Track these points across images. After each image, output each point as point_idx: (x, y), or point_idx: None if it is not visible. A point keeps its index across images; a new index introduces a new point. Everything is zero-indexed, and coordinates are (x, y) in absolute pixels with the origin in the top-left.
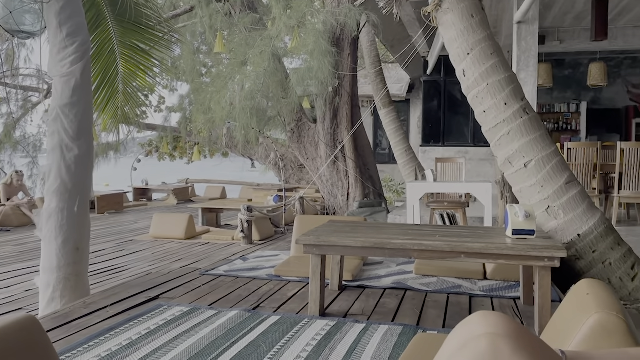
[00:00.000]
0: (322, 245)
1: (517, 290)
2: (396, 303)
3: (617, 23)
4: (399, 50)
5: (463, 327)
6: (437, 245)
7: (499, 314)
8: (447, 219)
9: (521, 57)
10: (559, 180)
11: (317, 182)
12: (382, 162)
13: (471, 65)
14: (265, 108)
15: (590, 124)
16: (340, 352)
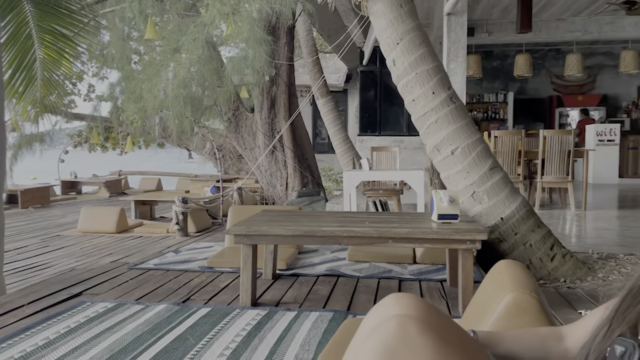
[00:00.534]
0: (253, 235)
1: (444, 273)
2: (328, 290)
3: (541, 16)
4: (336, 40)
5: (377, 310)
6: (366, 231)
7: (412, 296)
8: (379, 206)
9: (451, 48)
10: (483, 166)
11: (256, 172)
12: (322, 152)
13: (401, 54)
14: (200, 97)
15: (517, 113)
16: (269, 341)
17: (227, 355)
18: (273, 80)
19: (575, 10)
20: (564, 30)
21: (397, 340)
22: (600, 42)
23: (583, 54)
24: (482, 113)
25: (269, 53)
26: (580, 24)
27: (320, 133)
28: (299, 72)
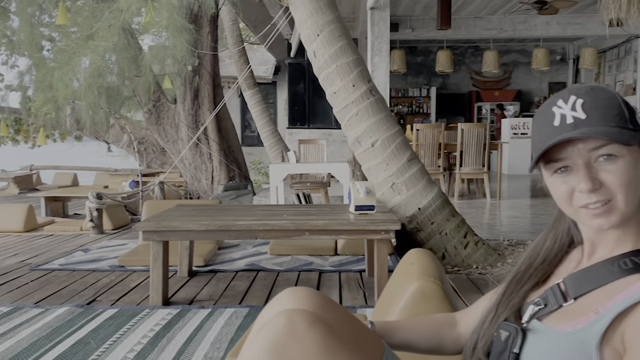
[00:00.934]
0: (163, 231)
1: (363, 263)
2: (246, 285)
3: (460, 14)
4: (262, 31)
5: (271, 305)
6: (283, 224)
7: (308, 289)
8: (302, 199)
9: (374, 42)
10: (402, 158)
11: (179, 165)
12: (251, 145)
13: (321, 46)
14: (117, 86)
15: (439, 107)
16: (179, 341)
17: (130, 358)
18: (196, 70)
19: (492, 8)
20: (482, 28)
21: (286, 335)
22: (514, 40)
23: (499, 51)
24: (407, 107)
25: (191, 42)
26: (496, 22)
27: (250, 126)
28: (225, 62)
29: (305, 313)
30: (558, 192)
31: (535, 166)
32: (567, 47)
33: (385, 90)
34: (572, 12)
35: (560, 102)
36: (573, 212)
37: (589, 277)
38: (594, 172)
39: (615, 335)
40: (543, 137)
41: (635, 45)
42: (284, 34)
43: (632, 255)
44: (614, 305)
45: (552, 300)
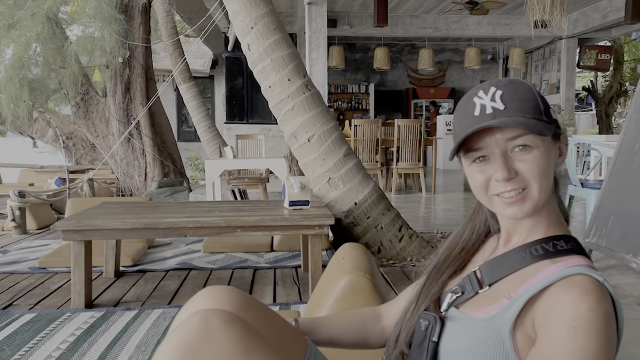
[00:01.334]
0: (85, 230)
1: (299, 259)
2: (177, 284)
3: (396, 12)
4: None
5: (189, 306)
6: (213, 221)
7: (228, 288)
8: (238, 195)
9: (312, 38)
10: (338, 153)
11: (110, 161)
12: (188, 140)
13: (255, 39)
14: (42, 79)
15: (378, 103)
16: (101, 345)
17: None
18: (128, 62)
19: (427, 7)
20: (417, 26)
21: (199, 336)
22: (448, 39)
23: (434, 49)
24: (346, 103)
25: (121, 33)
26: (431, 21)
27: (187, 121)
28: (160, 55)
29: (221, 313)
30: (475, 180)
31: (456, 156)
32: (498, 47)
33: (324, 85)
34: (501, 13)
35: (480, 93)
36: (488, 200)
37: (502, 263)
38: (510, 162)
39: (526, 320)
40: (463, 126)
41: (559, 46)
42: (221, 27)
43: (543, 242)
44: (525, 290)
45: (469, 288)
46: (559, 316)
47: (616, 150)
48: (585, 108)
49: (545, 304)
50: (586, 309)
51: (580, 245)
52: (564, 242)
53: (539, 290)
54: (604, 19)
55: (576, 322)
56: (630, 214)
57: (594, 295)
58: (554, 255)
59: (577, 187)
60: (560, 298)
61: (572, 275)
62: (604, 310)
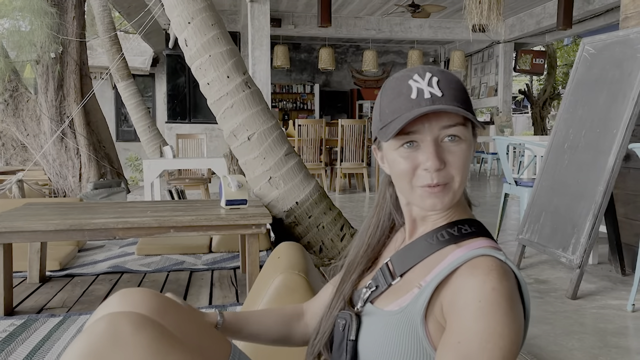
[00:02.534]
0: (3, 232)
1: (237, 260)
2: (107, 289)
3: (341, 12)
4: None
5: (100, 309)
6: (144, 221)
7: (143, 290)
8: (175, 195)
9: (255, 36)
10: (279, 152)
11: (42, 161)
12: (128, 140)
13: (193, 35)
14: None
15: (323, 104)
16: (20, 354)
17: None
18: (60, 58)
19: (370, 9)
20: (361, 27)
21: (106, 341)
22: (392, 41)
23: (378, 51)
24: (292, 103)
25: (53, 27)
26: (375, 23)
27: (126, 120)
28: (97, 52)
29: (131, 315)
30: (400, 166)
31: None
32: (439, 50)
33: (267, 84)
34: (442, 17)
35: (416, 76)
36: (409, 189)
37: (411, 252)
38: (440, 152)
39: (435, 307)
40: (398, 108)
41: (497, 50)
42: (161, 23)
43: (448, 227)
44: (432, 277)
45: (382, 281)
46: (464, 299)
47: (547, 150)
48: (522, 110)
49: (452, 288)
50: (489, 289)
51: (484, 227)
52: (468, 225)
53: (446, 275)
54: (538, 24)
55: (481, 303)
56: (560, 211)
57: (496, 275)
58: (459, 239)
59: (511, 186)
60: (464, 281)
61: (475, 257)
62: (507, 288)
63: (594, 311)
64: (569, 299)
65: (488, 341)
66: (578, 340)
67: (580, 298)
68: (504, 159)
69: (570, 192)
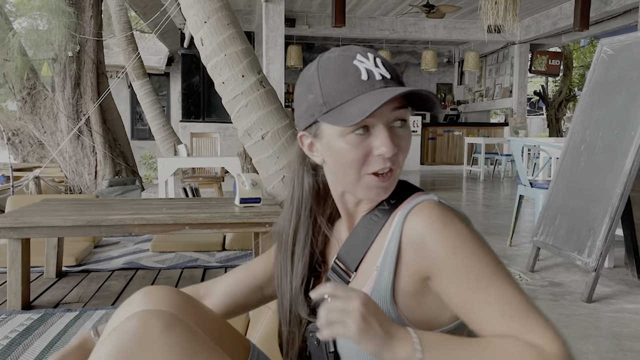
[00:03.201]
0: (22, 227)
1: (251, 258)
2: (122, 285)
3: (355, 13)
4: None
5: (124, 307)
6: (160, 218)
7: (166, 288)
8: (189, 192)
9: (269, 36)
10: (293, 151)
11: (58, 159)
12: (143, 138)
13: (209, 34)
14: None
15: None
16: (37, 348)
17: None
18: (78, 56)
19: (385, 9)
20: (375, 28)
21: (137, 340)
22: (406, 41)
23: (392, 51)
24: None
25: (70, 26)
26: (389, 23)
27: (141, 118)
28: (113, 51)
29: (160, 314)
30: (351, 154)
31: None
32: (453, 50)
33: (281, 84)
34: (457, 17)
35: (359, 56)
36: (355, 178)
37: (355, 245)
38: (393, 137)
39: (402, 276)
40: (348, 89)
41: (512, 51)
42: (177, 22)
43: (378, 205)
44: (384, 253)
45: (338, 280)
46: (428, 251)
47: (563, 151)
48: (537, 112)
49: (410, 250)
50: (441, 227)
51: (406, 184)
52: (393, 195)
53: (397, 247)
54: (555, 25)
55: (446, 241)
56: (576, 213)
57: (434, 213)
58: (392, 210)
59: (526, 187)
60: (417, 237)
61: (408, 214)
62: (453, 218)
63: (610, 315)
64: (584, 302)
65: (478, 260)
66: (593, 344)
67: (596, 301)
68: (519, 160)
69: (587, 194)
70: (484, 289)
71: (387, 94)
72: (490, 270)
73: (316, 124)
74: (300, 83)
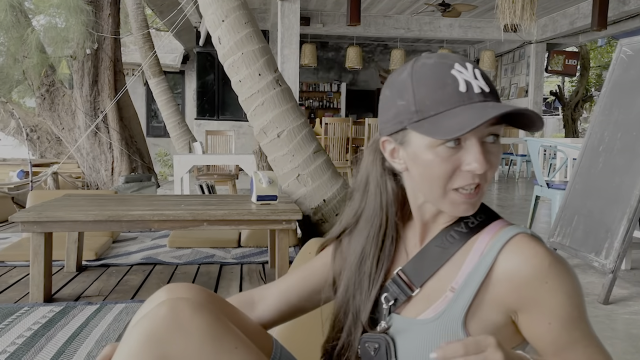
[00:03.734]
0: (45, 222)
1: (266, 255)
2: (141, 279)
3: (370, 11)
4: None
5: (148, 303)
6: (179, 214)
7: (188, 284)
8: (206, 189)
9: (285, 34)
10: (307, 149)
11: (76, 155)
12: (158, 136)
13: (226, 32)
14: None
15: (349, 103)
16: (59, 340)
17: (2, 359)
18: (95, 54)
19: (400, 8)
20: (390, 26)
21: (168, 324)
22: (421, 40)
23: (406, 50)
24: (318, 102)
25: (88, 24)
26: (404, 21)
27: (156, 116)
28: (130, 49)
29: (190, 301)
30: (440, 167)
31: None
32: (469, 50)
33: (295, 82)
34: (473, 16)
35: (457, 66)
36: (440, 193)
37: (424, 261)
38: (485, 152)
39: (484, 305)
40: (445, 100)
41: (528, 50)
42: (193, 21)
43: (454, 226)
44: (466, 277)
45: (399, 292)
46: (530, 287)
47: (581, 152)
48: (553, 112)
49: (506, 283)
50: (547, 267)
51: (485, 208)
52: (472, 217)
53: (484, 276)
54: (572, 25)
55: (548, 283)
56: (593, 214)
57: (541, 250)
58: (471, 234)
59: (543, 188)
60: (518, 271)
61: (507, 243)
62: (553, 255)
63: (627, 317)
64: (601, 304)
65: (572, 302)
66: (610, 346)
67: (613, 303)
68: (536, 161)
69: (605, 196)
70: (573, 332)
71: (490, 110)
72: (581, 316)
73: (403, 131)
74: (389, 87)
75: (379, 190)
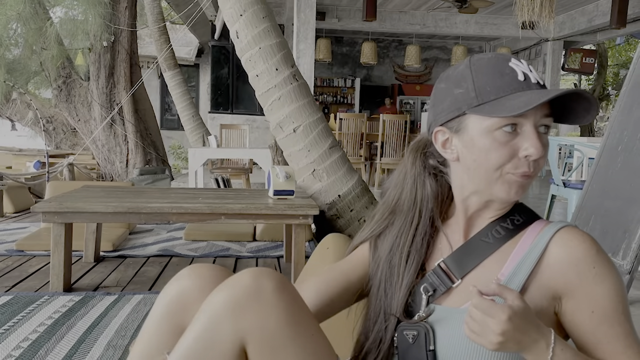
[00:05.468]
0: (66, 212)
1: (281, 249)
2: (158, 271)
3: (385, 7)
4: (184, 10)
5: (177, 279)
6: (197, 207)
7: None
8: (221, 183)
9: (300, 29)
10: (323, 145)
11: (91, 147)
12: (171, 128)
13: (244, 27)
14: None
15: (363, 98)
16: (80, 329)
17: (24, 347)
18: (112, 46)
19: (416, 4)
20: (406, 22)
21: (248, 294)
22: (436, 36)
23: (421, 46)
24: (332, 97)
25: (106, 17)
26: (420, 17)
27: (170, 109)
28: (145, 41)
29: (273, 274)
30: (497, 151)
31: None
32: (485, 46)
33: (310, 77)
34: (489, 13)
35: (514, 60)
36: (496, 177)
37: (468, 254)
38: (540, 139)
39: (529, 292)
40: (505, 86)
41: (545, 48)
42: (208, 14)
43: (500, 221)
44: (513, 268)
45: (439, 283)
46: (578, 272)
47: (599, 151)
48: None
49: (556, 269)
50: (595, 253)
51: (529, 208)
52: (518, 214)
53: (534, 264)
54: (590, 23)
55: (596, 268)
56: (611, 215)
57: (589, 238)
58: (517, 231)
59: (559, 187)
60: (568, 256)
61: (557, 232)
62: (599, 245)
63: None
64: None
65: (616, 295)
66: None
67: (630, 304)
68: (553, 160)
69: (623, 196)
70: (615, 327)
71: (551, 92)
72: (625, 313)
73: (459, 117)
74: (444, 80)
75: (414, 187)
